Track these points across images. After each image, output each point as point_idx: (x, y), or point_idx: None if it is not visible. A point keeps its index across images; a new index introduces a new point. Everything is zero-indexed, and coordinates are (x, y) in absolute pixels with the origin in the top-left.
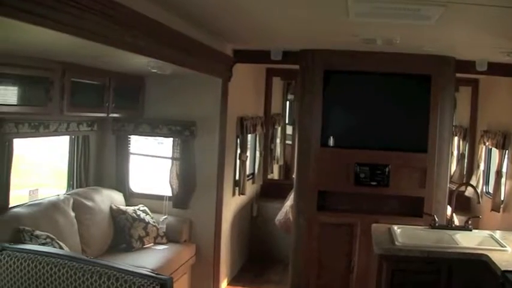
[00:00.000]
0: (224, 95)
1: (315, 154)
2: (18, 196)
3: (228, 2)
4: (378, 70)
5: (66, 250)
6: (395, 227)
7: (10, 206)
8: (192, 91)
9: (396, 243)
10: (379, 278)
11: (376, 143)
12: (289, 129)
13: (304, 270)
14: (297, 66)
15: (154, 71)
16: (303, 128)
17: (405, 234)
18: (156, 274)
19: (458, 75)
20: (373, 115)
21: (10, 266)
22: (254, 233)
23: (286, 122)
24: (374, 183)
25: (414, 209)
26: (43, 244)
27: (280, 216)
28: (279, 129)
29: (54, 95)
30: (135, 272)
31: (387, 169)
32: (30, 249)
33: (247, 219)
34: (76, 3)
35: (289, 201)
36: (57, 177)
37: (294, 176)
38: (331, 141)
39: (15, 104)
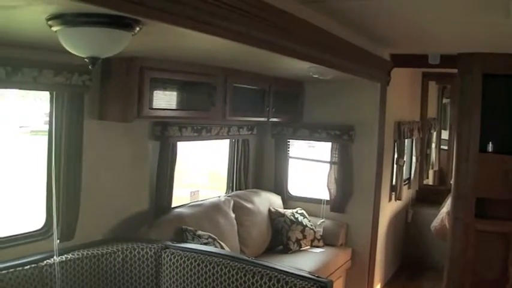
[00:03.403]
0: (383, 100)
1: (473, 160)
2: (175, 197)
3: (387, 8)
4: None
5: (227, 250)
6: None
7: (172, 206)
8: (350, 95)
9: None
10: None
11: None
12: (444, 134)
13: (459, 279)
14: (452, 70)
15: (316, 76)
16: (461, 133)
17: None
18: (316, 277)
19: None
20: None
21: (173, 263)
22: (408, 238)
23: (441, 126)
24: None
25: None
26: (205, 244)
27: (435, 222)
28: (434, 134)
29: (218, 100)
30: (296, 274)
31: None
32: (192, 248)
33: (402, 225)
34: (245, 12)
35: (445, 208)
36: (211, 179)
37: (451, 182)
38: (490, 147)
39: (181, 108)
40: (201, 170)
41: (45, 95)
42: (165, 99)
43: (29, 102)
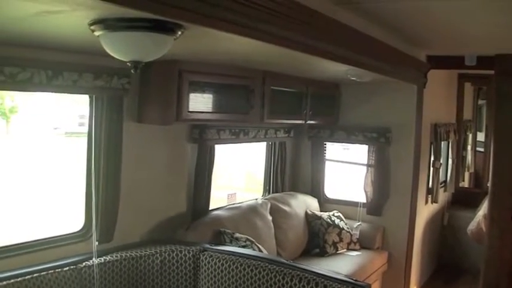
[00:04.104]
0: (419, 102)
1: (511, 162)
2: (212, 199)
3: (423, 9)
4: None
5: (264, 253)
6: None
7: (210, 208)
8: (387, 98)
9: None
10: None
11: None
12: (479, 136)
13: (495, 282)
14: (489, 71)
15: (353, 78)
16: (498, 136)
17: None
18: (354, 280)
19: None
20: None
21: (211, 266)
22: (444, 241)
23: (477, 128)
24: None
25: None
26: (243, 246)
27: (472, 225)
28: (470, 135)
29: (255, 103)
30: (334, 277)
31: None
32: (230, 251)
33: (438, 228)
34: (282, 14)
35: (482, 211)
36: (247, 181)
37: (488, 184)
38: None
39: (219, 111)
40: (238, 172)
41: (79, 97)
42: (203, 102)
43: (63, 104)
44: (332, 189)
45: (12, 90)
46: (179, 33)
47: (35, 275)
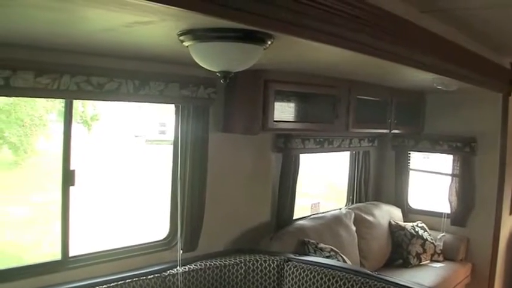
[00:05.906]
0: (504, 110)
1: None
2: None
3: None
4: None
5: (349, 264)
6: None
7: (294, 218)
8: (471, 106)
9: None
10: None
11: None
12: None
13: None
14: None
15: (440, 87)
16: None
17: None
18: None
19: None
20: None
21: (295, 276)
22: None
23: None
24: None
25: None
26: (327, 257)
27: None
28: None
29: (341, 112)
30: None
31: None
32: (315, 262)
33: None
34: (371, 23)
35: None
36: (328, 189)
37: None
38: None
39: (304, 120)
40: (318, 181)
41: (161, 106)
42: (289, 112)
43: (144, 112)
44: (415, 199)
45: (100, 100)
46: (269, 43)
47: (120, 282)
